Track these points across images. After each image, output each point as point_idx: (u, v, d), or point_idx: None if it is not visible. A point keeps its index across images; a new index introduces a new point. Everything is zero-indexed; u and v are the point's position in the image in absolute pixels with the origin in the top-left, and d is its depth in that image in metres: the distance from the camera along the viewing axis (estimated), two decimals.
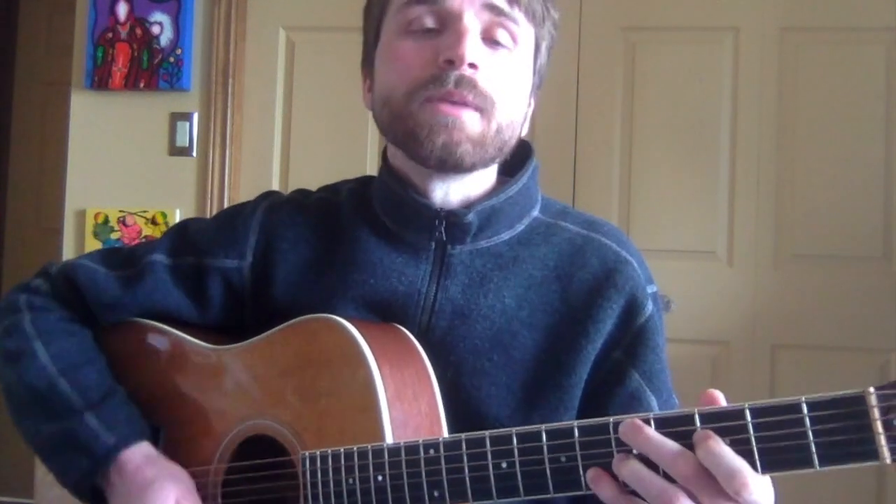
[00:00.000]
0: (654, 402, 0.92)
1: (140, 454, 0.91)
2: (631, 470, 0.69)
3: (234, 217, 1.04)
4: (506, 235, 0.97)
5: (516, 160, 0.99)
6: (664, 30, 2.43)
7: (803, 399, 0.66)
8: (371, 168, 2.42)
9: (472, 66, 0.87)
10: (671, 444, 0.68)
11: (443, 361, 0.91)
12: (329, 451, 0.83)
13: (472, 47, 0.88)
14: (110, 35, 2.53)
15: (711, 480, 0.66)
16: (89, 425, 0.91)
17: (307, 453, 0.85)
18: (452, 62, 0.87)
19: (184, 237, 1.03)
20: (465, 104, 0.87)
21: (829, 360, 2.30)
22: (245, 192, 2.51)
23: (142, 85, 2.53)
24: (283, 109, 2.57)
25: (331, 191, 1.06)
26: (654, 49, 2.43)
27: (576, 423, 0.73)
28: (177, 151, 2.54)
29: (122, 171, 2.56)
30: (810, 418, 0.65)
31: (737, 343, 2.36)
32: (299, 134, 2.55)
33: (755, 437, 0.67)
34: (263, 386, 0.91)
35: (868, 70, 2.34)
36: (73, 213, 2.58)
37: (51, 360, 0.95)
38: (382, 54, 0.95)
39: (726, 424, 0.68)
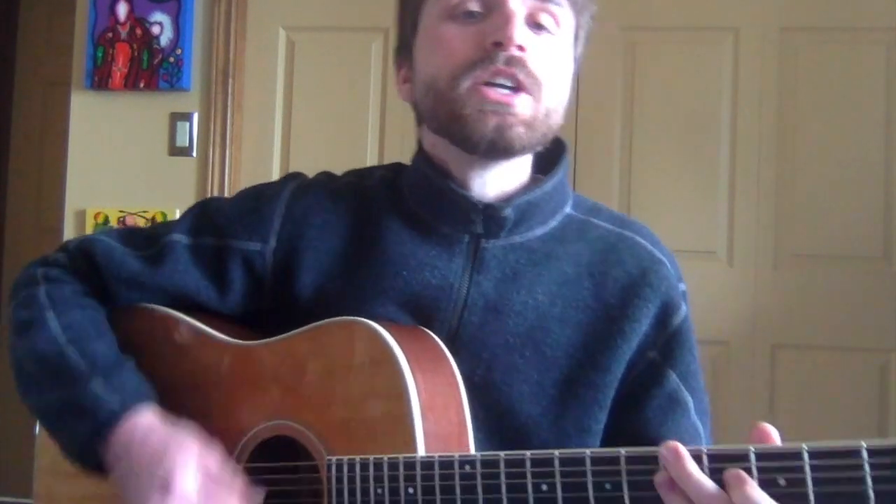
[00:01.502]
0: (690, 403, 0.92)
1: (146, 420, 0.88)
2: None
3: (258, 198, 1.00)
4: (539, 231, 0.95)
5: (547, 157, 0.98)
6: (664, 30, 2.43)
7: (864, 445, 0.64)
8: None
9: (520, 48, 0.87)
10: (709, 485, 0.67)
11: (474, 357, 0.90)
12: (357, 458, 0.81)
13: (521, 30, 0.87)
14: (110, 35, 2.53)
15: None
16: (94, 390, 0.88)
17: (334, 459, 0.82)
18: (501, 44, 0.86)
19: (205, 216, 1.00)
20: (516, 87, 0.87)
21: (829, 360, 2.30)
22: None
23: (142, 85, 2.52)
24: (283, 109, 2.57)
25: (360, 175, 1.03)
26: (654, 49, 2.43)
27: (623, 450, 0.72)
28: (177, 151, 2.54)
29: (122, 171, 2.56)
30: (870, 465, 0.63)
31: (737, 343, 2.36)
32: (299, 134, 2.55)
33: (811, 479, 0.65)
34: (288, 386, 0.89)
35: (868, 70, 2.34)
36: (73, 213, 2.58)
37: (61, 329, 0.93)
38: (425, 40, 0.93)
39: (782, 464, 0.66)
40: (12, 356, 0.96)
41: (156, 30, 2.52)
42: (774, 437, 0.69)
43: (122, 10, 2.53)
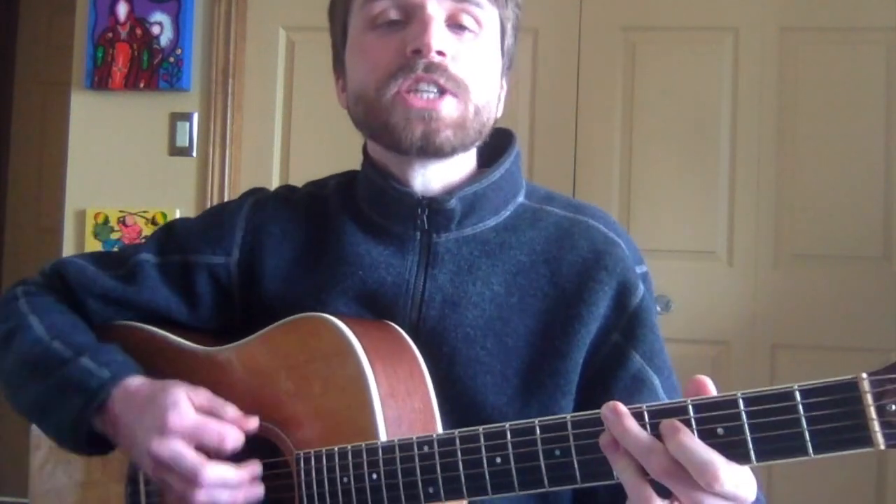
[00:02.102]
0: (656, 381, 0.92)
1: (137, 381, 0.90)
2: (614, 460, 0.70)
3: (219, 214, 1.04)
4: (491, 222, 0.96)
5: (496, 149, 0.99)
6: (664, 30, 2.43)
7: (796, 387, 0.65)
8: None
9: (439, 53, 0.88)
10: (645, 438, 0.68)
11: (436, 352, 0.91)
12: (323, 450, 0.83)
13: (439, 35, 0.88)
14: (110, 35, 2.53)
15: (685, 473, 0.66)
16: (84, 365, 0.90)
17: (301, 453, 0.85)
18: (420, 51, 0.88)
19: (170, 235, 1.04)
20: (440, 92, 0.88)
21: (828, 359, 2.29)
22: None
23: (142, 85, 2.53)
24: (283, 109, 2.57)
25: (317, 185, 1.06)
26: (654, 49, 2.43)
27: (569, 416, 0.73)
28: (177, 151, 2.54)
29: (122, 171, 2.56)
30: (803, 405, 0.65)
31: (737, 343, 2.36)
32: (299, 134, 2.55)
33: (749, 426, 0.66)
34: (255, 386, 0.91)
35: (868, 70, 2.34)
36: (73, 213, 2.58)
37: (45, 329, 0.95)
38: (351, 51, 0.95)
39: (720, 413, 0.67)
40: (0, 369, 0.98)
41: (156, 30, 2.52)
42: (710, 388, 0.70)
43: (122, 10, 2.53)
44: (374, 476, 0.80)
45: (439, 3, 0.89)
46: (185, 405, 0.85)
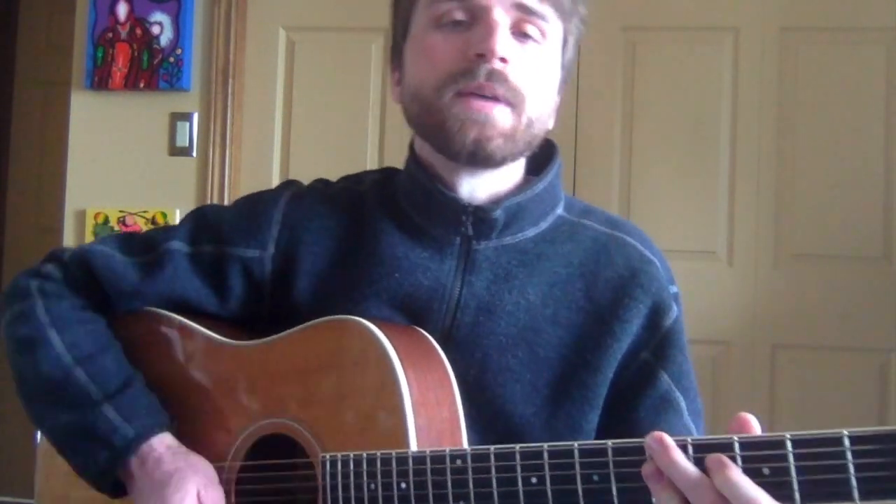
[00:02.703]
0: (682, 403, 0.93)
1: (161, 445, 0.90)
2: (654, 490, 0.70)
3: (255, 205, 1.02)
4: (531, 232, 0.96)
5: (540, 158, 0.99)
6: (664, 30, 2.43)
7: (846, 432, 0.64)
8: (371, 167, 2.42)
9: (502, 59, 0.87)
10: (693, 471, 0.67)
11: (467, 358, 0.90)
12: (351, 454, 0.82)
13: (503, 41, 0.88)
14: (110, 35, 2.53)
15: None
16: (108, 417, 0.90)
17: (328, 455, 0.84)
18: (483, 56, 0.87)
19: (203, 224, 1.01)
20: (496, 98, 0.88)
21: (829, 360, 2.30)
22: (245, 192, 2.50)
23: (142, 85, 2.52)
24: (283, 109, 2.56)
25: (353, 181, 1.05)
26: (654, 49, 2.43)
27: (610, 442, 0.73)
28: (177, 151, 2.54)
29: (122, 171, 2.56)
30: (852, 452, 0.64)
31: (737, 343, 2.36)
32: (299, 134, 2.55)
33: (795, 467, 0.65)
34: (284, 384, 0.90)
35: (868, 70, 2.34)
36: (72, 213, 2.58)
37: (66, 349, 0.94)
38: (412, 48, 0.94)
39: (766, 453, 0.66)
40: (15, 373, 0.97)
41: (156, 30, 2.52)
42: (755, 426, 0.70)
43: (122, 10, 2.53)
44: (403, 485, 0.79)
45: (506, 10, 0.89)
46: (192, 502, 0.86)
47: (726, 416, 1.24)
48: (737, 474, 0.66)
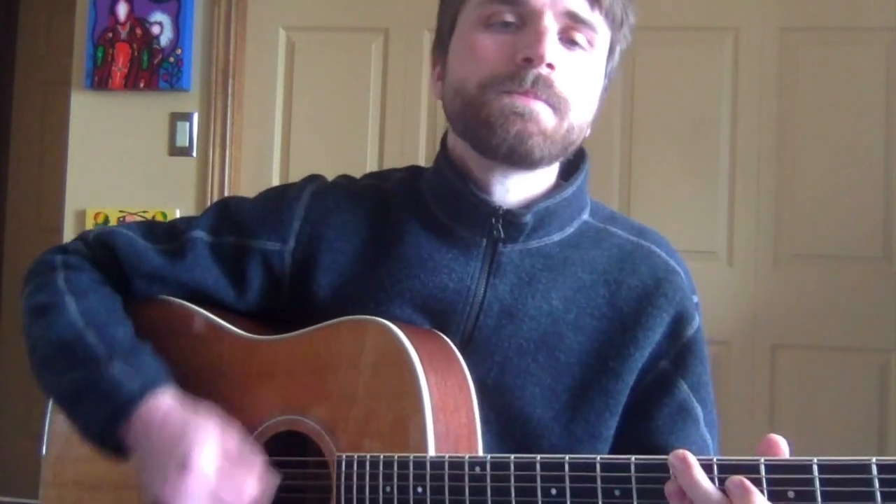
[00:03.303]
0: (700, 414, 0.93)
1: (166, 401, 0.88)
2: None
3: (278, 199, 1.02)
4: (556, 237, 0.96)
5: (570, 164, 0.99)
6: (664, 30, 2.43)
7: (874, 460, 0.64)
8: (371, 167, 2.42)
9: (549, 65, 0.87)
10: (715, 494, 0.67)
11: (487, 360, 0.90)
12: (367, 455, 0.82)
13: (552, 47, 0.88)
14: (110, 35, 2.53)
15: None
16: (113, 372, 0.89)
17: (343, 455, 0.83)
18: (531, 60, 0.87)
19: (226, 215, 1.01)
20: (540, 99, 0.88)
21: (829, 360, 2.29)
22: (245, 192, 2.50)
23: (142, 85, 2.52)
24: (283, 109, 2.57)
25: (378, 178, 1.04)
26: (654, 49, 2.43)
27: (633, 458, 0.72)
28: (177, 151, 2.54)
29: (122, 171, 2.56)
30: (880, 480, 0.64)
31: (737, 343, 2.36)
32: (299, 134, 2.55)
33: (821, 493, 0.65)
34: (301, 382, 0.89)
35: (868, 70, 2.34)
36: (73, 213, 2.58)
37: (79, 314, 0.93)
38: (459, 44, 0.94)
39: (793, 476, 0.66)
40: (28, 338, 0.96)
41: (156, 30, 2.52)
42: (783, 448, 0.69)
43: (122, 10, 2.53)
44: (420, 489, 0.79)
45: (556, 17, 0.88)
46: (213, 448, 0.82)
47: (726, 416, 1.24)
48: (759, 499, 0.65)
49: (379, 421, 0.84)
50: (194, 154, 2.54)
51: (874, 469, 0.64)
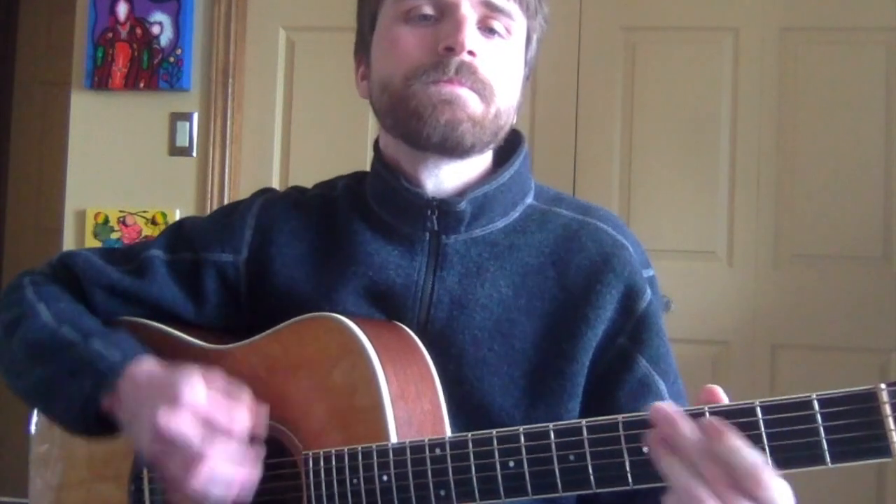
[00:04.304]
0: (662, 386, 0.93)
1: (149, 363, 0.88)
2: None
3: (229, 213, 1.05)
4: (500, 223, 0.97)
5: (505, 149, 1.00)
6: (664, 30, 2.43)
7: (814, 396, 0.65)
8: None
9: (470, 53, 0.90)
10: (699, 436, 0.67)
11: (444, 354, 0.91)
12: (332, 451, 0.83)
13: (471, 35, 0.90)
14: (110, 35, 2.53)
15: (727, 476, 0.65)
16: (93, 348, 0.90)
17: (310, 453, 0.84)
18: (452, 49, 0.89)
19: (181, 233, 1.04)
20: (464, 87, 0.89)
21: (829, 360, 2.30)
22: (245, 192, 2.49)
23: (142, 85, 2.52)
24: (283, 109, 2.57)
25: (326, 186, 1.06)
26: (654, 49, 2.43)
27: (584, 421, 0.73)
28: (177, 151, 2.54)
29: (122, 171, 2.56)
30: (822, 415, 0.65)
31: (737, 343, 2.36)
32: (299, 134, 2.55)
33: (766, 435, 0.66)
34: (264, 385, 0.90)
35: (868, 70, 2.34)
36: (73, 213, 2.58)
37: (52, 316, 0.95)
38: (380, 41, 0.96)
39: (737, 422, 0.67)
40: (5, 358, 0.97)
41: (156, 30, 2.52)
42: (722, 396, 0.70)
43: (121, 10, 2.53)
44: (385, 478, 0.80)
45: (473, 7, 0.91)
46: (200, 383, 0.81)
47: None
48: (737, 438, 0.65)
49: (341, 415, 0.84)
50: (194, 154, 2.54)
51: (815, 404, 0.65)
